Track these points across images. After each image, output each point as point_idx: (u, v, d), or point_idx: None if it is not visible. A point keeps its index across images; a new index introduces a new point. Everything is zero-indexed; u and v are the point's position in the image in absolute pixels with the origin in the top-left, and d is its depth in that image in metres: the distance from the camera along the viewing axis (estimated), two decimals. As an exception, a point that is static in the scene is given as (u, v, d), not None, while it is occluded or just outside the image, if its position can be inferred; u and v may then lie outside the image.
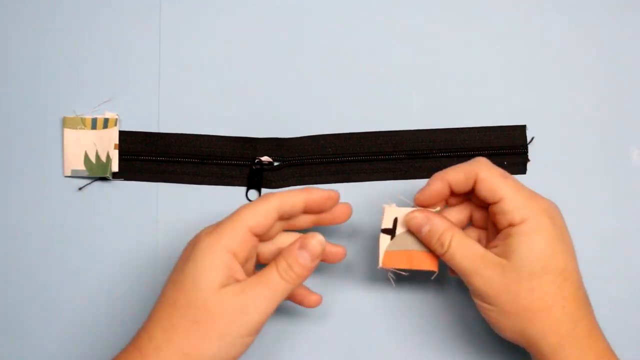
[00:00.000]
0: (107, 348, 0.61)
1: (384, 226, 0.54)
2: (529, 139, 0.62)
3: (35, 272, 0.62)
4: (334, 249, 0.55)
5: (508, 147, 0.62)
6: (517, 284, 0.50)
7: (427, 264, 0.54)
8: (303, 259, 0.51)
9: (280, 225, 0.55)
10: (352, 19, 0.63)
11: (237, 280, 0.50)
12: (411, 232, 0.54)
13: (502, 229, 0.52)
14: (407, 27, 0.63)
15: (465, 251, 0.52)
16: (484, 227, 0.56)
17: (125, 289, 0.62)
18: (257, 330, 0.50)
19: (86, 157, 0.62)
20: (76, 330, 0.62)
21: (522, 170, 0.62)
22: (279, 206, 0.52)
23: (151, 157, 0.63)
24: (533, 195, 0.52)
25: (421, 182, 0.62)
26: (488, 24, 0.63)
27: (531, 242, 0.50)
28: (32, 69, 0.63)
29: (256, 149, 0.62)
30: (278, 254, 0.52)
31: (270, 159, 0.62)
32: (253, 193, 0.62)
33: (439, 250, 0.53)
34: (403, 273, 0.55)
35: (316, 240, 0.51)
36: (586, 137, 0.62)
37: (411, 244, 0.54)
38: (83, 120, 0.63)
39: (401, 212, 0.54)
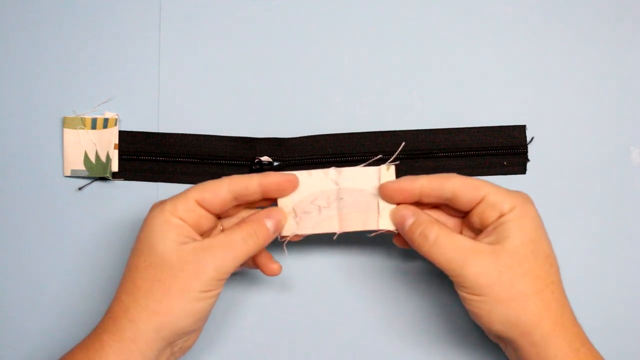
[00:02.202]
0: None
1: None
2: (529, 139, 0.62)
3: (35, 272, 0.62)
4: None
5: (508, 147, 0.62)
6: (511, 269, 0.51)
7: None
8: (268, 227, 0.54)
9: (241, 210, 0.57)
10: (352, 19, 0.63)
11: (195, 240, 0.53)
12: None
13: (489, 224, 0.53)
14: (407, 27, 0.63)
15: (454, 242, 0.52)
16: None
17: (125, 289, 0.62)
18: (218, 287, 0.52)
19: (86, 157, 0.62)
20: (77, 329, 0.62)
21: (522, 170, 0.62)
22: (229, 184, 0.54)
23: (151, 157, 0.63)
24: (510, 190, 0.54)
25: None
26: (488, 24, 0.63)
27: (523, 225, 0.52)
28: (32, 68, 0.63)
29: (256, 149, 0.62)
30: (242, 221, 0.54)
31: (270, 159, 0.62)
32: (253, 193, 0.63)
33: (422, 243, 0.52)
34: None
35: (282, 214, 0.55)
36: (586, 137, 0.62)
37: None
38: (83, 120, 0.63)
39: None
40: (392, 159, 0.56)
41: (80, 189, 0.63)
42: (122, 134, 0.63)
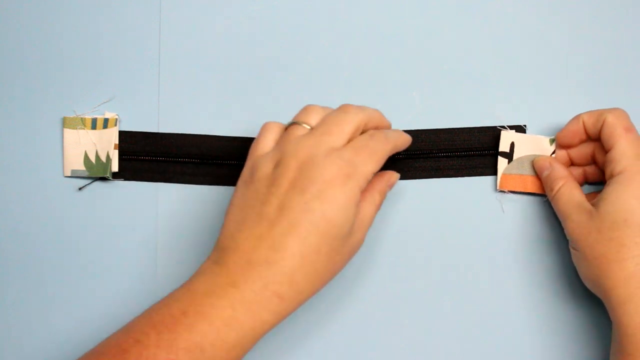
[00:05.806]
0: (107, 348, 0.61)
1: (501, 149, 0.60)
2: (529, 139, 0.62)
3: (35, 272, 0.62)
4: None
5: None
6: (598, 232, 0.53)
7: (541, 188, 0.60)
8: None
9: None
10: (352, 18, 0.63)
11: None
12: (526, 158, 0.60)
13: (607, 180, 0.55)
14: (407, 27, 0.63)
15: (567, 197, 0.56)
16: None
17: (125, 288, 0.62)
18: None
19: (86, 157, 0.62)
20: (76, 329, 0.62)
21: (522, 170, 0.62)
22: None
23: (151, 157, 0.63)
24: None
25: (421, 182, 0.62)
26: (488, 24, 0.63)
27: (621, 192, 0.53)
28: (32, 68, 0.63)
29: (256, 149, 0.62)
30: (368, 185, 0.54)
31: (270, 159, 0.62)
32: (253, 193, 0.62)
33: (549, 193, 0.58)
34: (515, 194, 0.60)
35: (395, 177, 0.58)
36: (586, 137, 0.62)
37: (527, 168, 0.60)
38: (83, 120, 0.63)
39: (517, 138, 0.60)
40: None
41: (80, 189, 0.63)
42: (122, 134, 0.63)
